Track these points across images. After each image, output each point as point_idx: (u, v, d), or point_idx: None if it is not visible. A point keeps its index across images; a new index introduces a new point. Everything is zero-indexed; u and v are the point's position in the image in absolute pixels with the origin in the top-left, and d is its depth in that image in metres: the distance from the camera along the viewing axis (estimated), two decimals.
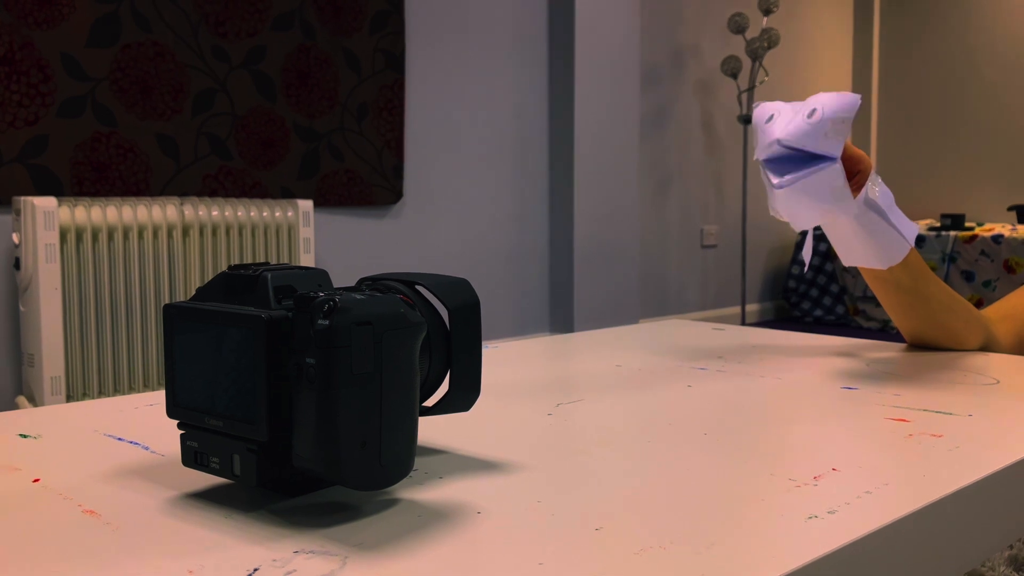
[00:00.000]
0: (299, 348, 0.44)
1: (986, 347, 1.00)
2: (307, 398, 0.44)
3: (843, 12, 5.65)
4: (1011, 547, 1.55)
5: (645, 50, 4.29)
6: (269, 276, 0.48)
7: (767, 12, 4.28)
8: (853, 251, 0.90)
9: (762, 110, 0.86)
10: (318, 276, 0.50)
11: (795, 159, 0.81)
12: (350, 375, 0.43)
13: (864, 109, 5.76)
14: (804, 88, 5.32)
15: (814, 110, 0.80)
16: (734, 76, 4.33)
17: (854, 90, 5.77)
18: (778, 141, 0.80)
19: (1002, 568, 1.51)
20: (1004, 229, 4.39)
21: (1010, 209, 4.71)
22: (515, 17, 3.66)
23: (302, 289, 0.48)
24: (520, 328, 3.75)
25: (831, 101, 0.80)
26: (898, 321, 0.99)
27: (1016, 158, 5.24)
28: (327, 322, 0.43)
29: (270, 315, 0.45)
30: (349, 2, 3.10)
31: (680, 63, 4.49)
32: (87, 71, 2.56)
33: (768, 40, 4.19)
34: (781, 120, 0.82)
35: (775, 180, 0.81)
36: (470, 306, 0.55)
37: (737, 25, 4.23)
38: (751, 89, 4.30)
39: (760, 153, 0.84)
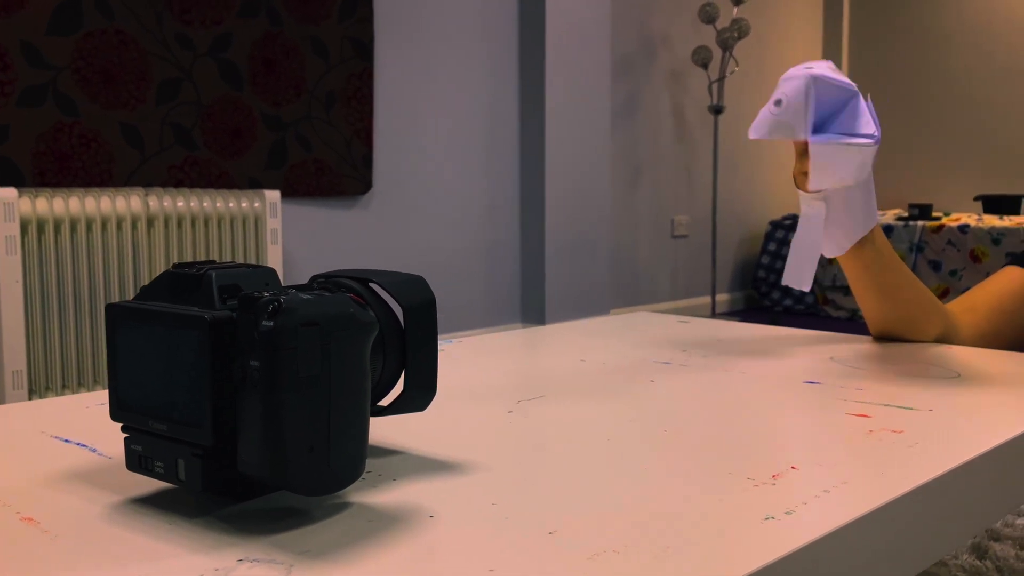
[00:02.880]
0: (244, 350, 0.43)
1: (945, 337, 1.01)
2: (252, 402, 0.43)
3: (813, 2, 5.67)
4: (974, 536, 1.57)
5: (616, 40, 4.28)
6: (214, 275, 0.46)
7: (737, 2, 4.29)
8: (836, 235, 0.90)
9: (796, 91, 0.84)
10: (265, 275, 0.48)
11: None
12: (296, 378, 0.42)
13: None
14: (775, 79, 5.33)
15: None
16: (704, 66, 4.34)
17: None
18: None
19: (965, 556, 1.53)
20: (970, 219, 4.43)
21: (976, 199, 4.76)
22: (485, 6, 3.63)
23: (248, 288, 0.47)
24: (491, 319, 3.74)
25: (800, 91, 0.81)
26: (867, 307, 0.99)
27: (983, 148, 5.29)
28: (271, 323, 0.42)
29: (214, 316, 0.44)
30: None
31: (651, 53, 4.49)
32: (48, 59, 2.51)
33: (738, 30, 4.19)
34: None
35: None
36: (425, 304, 0.54)
37: (707, 15, 4.23)
38: (721, 79, 4.31)
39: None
